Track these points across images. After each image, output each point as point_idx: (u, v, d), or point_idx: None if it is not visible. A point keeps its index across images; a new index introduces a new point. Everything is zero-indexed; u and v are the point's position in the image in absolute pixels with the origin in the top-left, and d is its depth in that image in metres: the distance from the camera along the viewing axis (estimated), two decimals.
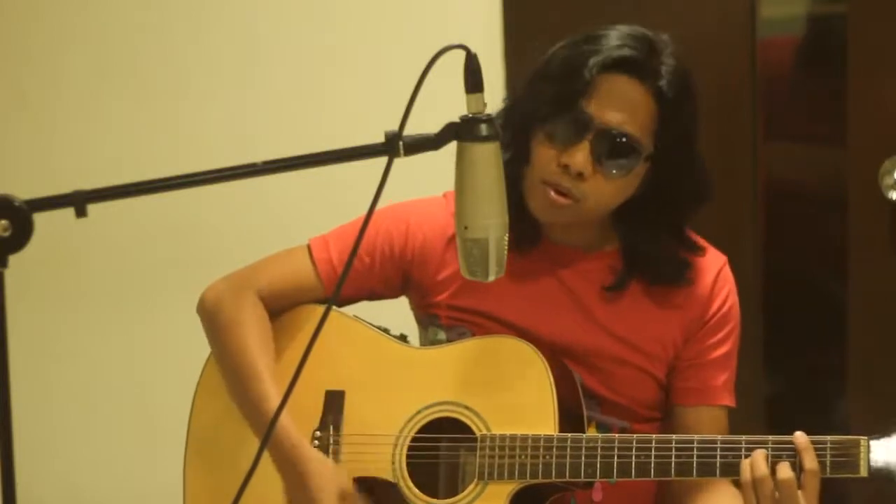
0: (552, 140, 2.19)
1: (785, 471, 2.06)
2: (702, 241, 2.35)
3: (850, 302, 3.06)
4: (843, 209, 3.03)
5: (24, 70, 3.34)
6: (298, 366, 1.77)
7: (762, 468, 2.06)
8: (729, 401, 2.33)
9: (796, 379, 3.22)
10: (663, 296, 2.30)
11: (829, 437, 2.08)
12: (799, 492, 2.06)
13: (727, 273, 2.34)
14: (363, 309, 2.37)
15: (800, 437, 2.08)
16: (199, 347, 2.37)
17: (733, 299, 2.33)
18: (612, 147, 2.18)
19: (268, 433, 1.79)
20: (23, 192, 1.59)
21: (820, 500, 2.09)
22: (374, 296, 2.37)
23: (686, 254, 2.29)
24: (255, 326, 2.30)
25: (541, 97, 2.20)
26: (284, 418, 2.20)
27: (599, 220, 2.29)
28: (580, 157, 2.17)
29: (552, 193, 2.20)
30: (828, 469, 2.07)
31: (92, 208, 1.60)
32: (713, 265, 2.33)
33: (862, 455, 2.05)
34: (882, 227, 2.99)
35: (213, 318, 2.33)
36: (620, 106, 2.18)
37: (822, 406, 3.18)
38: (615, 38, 2.20)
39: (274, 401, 2.21)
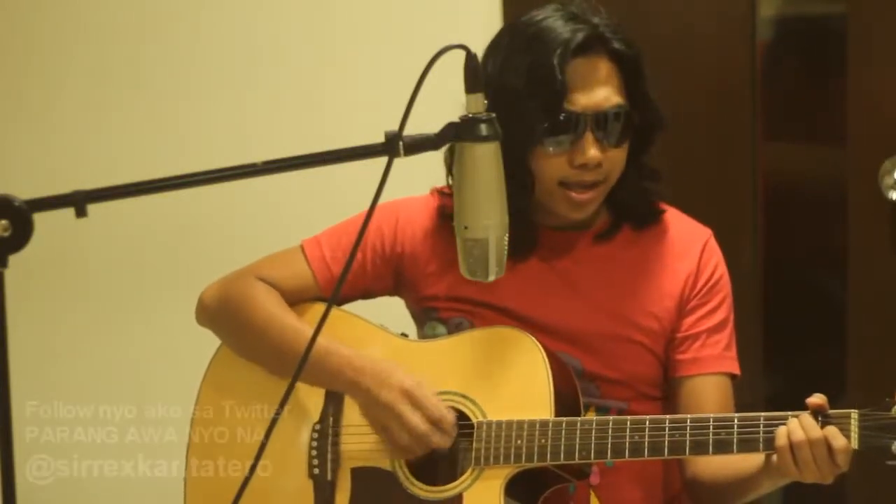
0: (557, 147, 2.22)
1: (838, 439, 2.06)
2: (685, 216, 2.39)
3: (849, 302, 3.06)
4: (843, 209, 3.03)
5: (24, 70, 3.34)
6: (300, 363, 1.78)
7: (816, 431, 2.06)
8: (730, 367, 2.34)
9: (796, 379, 3.22)
10: (655, 271, 2.33)
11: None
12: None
13: (713, 244, 2.37)
14: (364, 310, 2.37)
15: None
16: (199, 347, 2.37)
17: (722, 269, 2.36)
18: (610, 124, 2.22)
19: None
20: (23, 192, 1.59)
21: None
22: (367, 294, 2.39)
23: (649, 184, 2.33)
24: (270, 296, 2.32)
25: (524, 118, 2.20)
26: (333, 346, 2.23)
27: None
28: (592, 151, 2.21)
29: (574, 195, 2.24)
30: None
31: (92, 208, 1.60)
32: (699, 238, 2.37)
33: (853, 428, 2.06)
34: (882, 227, 3.00)
35: (220, 308, 2.35)
36: (598, 84, 2.22)
37: None
38: (557, 29, 2.22)
39: (333, 344, 2.23)
